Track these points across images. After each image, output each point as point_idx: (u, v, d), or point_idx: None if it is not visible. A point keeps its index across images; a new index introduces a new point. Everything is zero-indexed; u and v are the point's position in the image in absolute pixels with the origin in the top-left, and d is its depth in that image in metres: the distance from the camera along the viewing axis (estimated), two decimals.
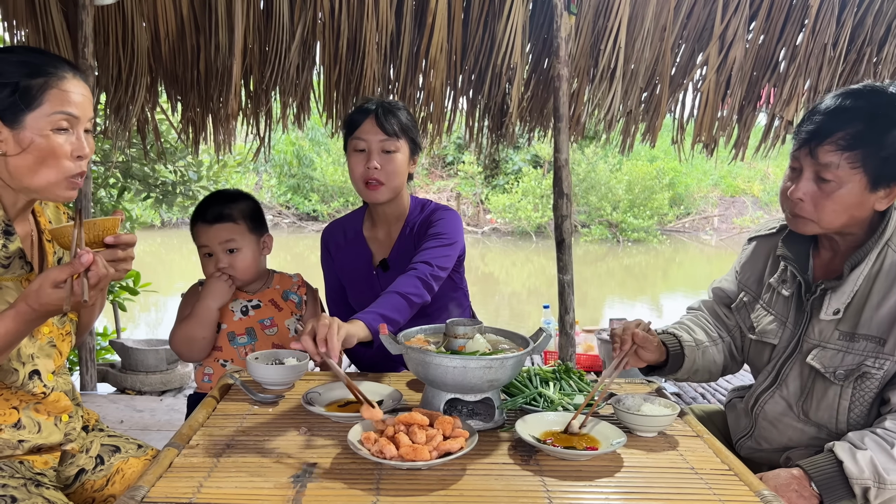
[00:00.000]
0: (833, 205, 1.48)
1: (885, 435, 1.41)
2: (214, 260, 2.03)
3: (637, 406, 1.49)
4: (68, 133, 1.38)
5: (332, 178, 17.05)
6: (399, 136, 2.02)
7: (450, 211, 2.15)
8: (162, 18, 3.79)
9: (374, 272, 2.17)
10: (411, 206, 2.19)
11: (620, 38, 3.65)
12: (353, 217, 2.28)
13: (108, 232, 1.34)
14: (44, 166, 1.36)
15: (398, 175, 2.04)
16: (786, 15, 3.82)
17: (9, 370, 1.40)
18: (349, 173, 2.08)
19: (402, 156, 2.04)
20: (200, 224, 2.04)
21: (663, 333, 1.76)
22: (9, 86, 1.33)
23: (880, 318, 1.47)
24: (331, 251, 2.27)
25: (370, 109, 2.02)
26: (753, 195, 18.07)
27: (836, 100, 1.48)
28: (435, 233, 2.06)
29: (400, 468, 1.23)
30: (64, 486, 1.56)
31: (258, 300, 2.10)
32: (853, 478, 1.39)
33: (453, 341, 1.49)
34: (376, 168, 2.00)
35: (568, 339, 3.40)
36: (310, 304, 2.19)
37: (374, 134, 2.00)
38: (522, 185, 16.21)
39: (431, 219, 2.11)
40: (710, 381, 1.86)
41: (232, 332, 2.06)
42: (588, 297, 9.68)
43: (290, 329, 2.12)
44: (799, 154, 1.51)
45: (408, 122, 2.06)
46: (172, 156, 5.15)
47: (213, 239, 2.02)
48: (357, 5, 3.70)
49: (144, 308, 8.11)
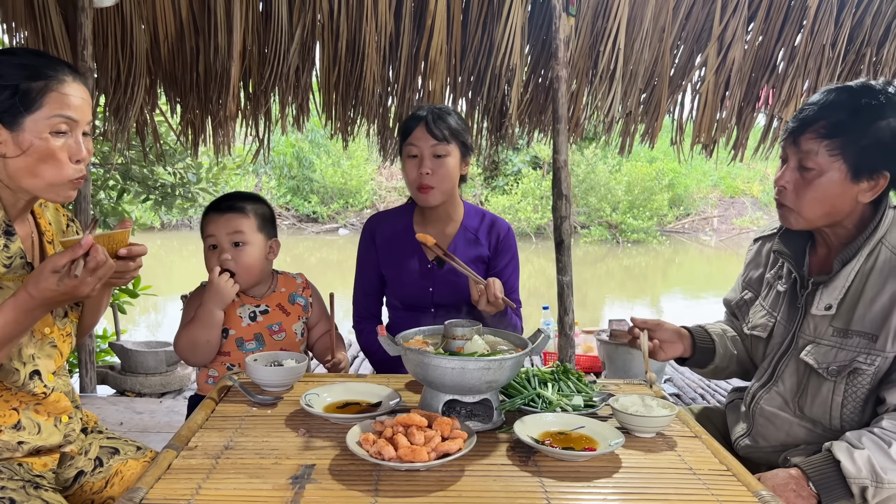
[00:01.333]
0: (813, 192, 1.51)
1: (882, 434, 1.41)
2: (218, 252, 1.99)
3: (635, 407, 1.49)
4: (66, 136, 1.39)
5: (332, 179, 17.06)
6: (449, 140, 2.10)
7: (510, 228, 2.30)
8: (161, 20, 3.79)
9: (430, 266, 2.21)
10: (466, 210, 2.27)
11: (619, 39, 3.66)
12: (402, 212, 2.31)
13: (122, 244, 1.37)
14: (42, 168, 1.37)
15: (449, 178, 2.12)
16: (784, 16, 3.82)
17: (10, 370, 1.40)
18: (405, 178, 2.17)
19: (453, 160, 2.12)
20: (212, 213, 2.02)
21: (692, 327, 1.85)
22: (8, 88, 1.34)
23: (873, 315, 1.48)
24: (376, 241, 2.28)
25: (421, 116, 2.11)
26: (753, 196, 18.08)
27: (826, 93, 1.52)
28: (513, 261, 2.25)
29: (398, 469, 1.23)
30: (63, 488, 1.56)
31: (266, 305, 2.07)
32: (851, 477, 1.40)
33: (452, 342, 1.50)
34: (428, 173, 2.08)
35: (567, 340, 3.40)
36: (315, 306, 2.17)
37: (425, 140, 2.08)
38: (522, 187, 16.22)
39: (507, 240, 2.25)
40: (746, 377, 1.88)
41: (240, 337, 2.03)
42: (588, 298, 9.69)
43: (297, 333, 2.11)
44: (784, 143, 1.56)
45: (458, 126, 2.13)
46: (172, 158, 5.15)
47: (222, 228, 1.99)
48: (356, 7, 3.70)
49: (144, 310, 8.11)
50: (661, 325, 1.78)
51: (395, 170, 16.99)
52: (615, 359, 4.10)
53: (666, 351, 1.77)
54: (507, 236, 2.27)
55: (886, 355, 1.46)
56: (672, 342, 1.77)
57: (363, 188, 17.43)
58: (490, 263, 2.25)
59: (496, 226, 2.28)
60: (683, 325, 1.84)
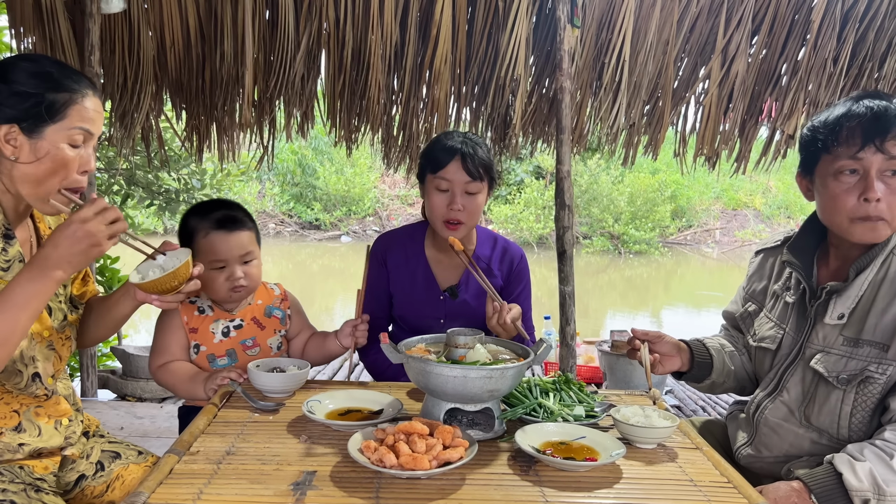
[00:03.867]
0: None
1: (884, 446, 1.41)
2: (227, 273, 1.87)
3: (636, 417, 1.49)
4: (80, 147, 1.42)
5: (335, 187, 17.11)
6: (483, 178, 2.04)
7: (524, 254, 2.27)
8: (168, 27, 3.81)
9: (442, 297, 2.18)
10: (479, 238, 2.22)
11: (624, 51, 3.67)
12: (412, 234, 2.24)
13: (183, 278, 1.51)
14: (52, 177, 1.39)
15: (478, 214, 2.08)
16: (788, 30, 3.84)
17: (13, 371, 1.41)
18: (428, 209, 2.09)
19: (483, 196, 2.08)
20: (216, 233, 1.86)
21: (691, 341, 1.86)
22: (34, 96, 1.36)
23: (884, 325, 1.48)
24: (388, 265, 2.21)
25: (455, 149, 2.01)
26: (755, 208, 18.09)
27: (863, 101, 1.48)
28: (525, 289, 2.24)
29: (399, 477, 1.23)
30: (64, 492, 1.57)
31: (240, 319, 1.96)
32: (853, 490, 1.40)
33: (454, 351, 1.50)
34: (460, 209, 2.02)
35: (569, 350, 3.40)
36: (294, 318, 2.07)
37: (459, 175, 2.01)
38: (525, 196, 16.26)
39: (520, 268, 2.23)
40: (742, 392, 1.89)
41: (212, 353, 1.92)
42: (589, 309, 9.69)
43: (273, 347, 2.00)
44: (864, 154, 1.46)
45: (489, 160, 2.07)
46: (176, 164, 5.18)
47: (235, 249, 1.87)
48: (362, 16, 3.72)
49: (146, 315, 8.10)
50: (662, 337, 1.78)
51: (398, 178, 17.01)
52: (616, 369, 4.09)
53: (664, 365, 1.78)
54: (521, 264, 2.24)
55: None
56: (671, 356, 1.78)
57: (366, 196, 17.47)
58: (503, 292, 2.19)
59: (509, 253, 2.24)
60: (682, 339, 1.84)
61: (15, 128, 1.36)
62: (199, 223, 1.89)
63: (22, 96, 1.36)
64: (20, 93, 1.36)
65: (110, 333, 1.73)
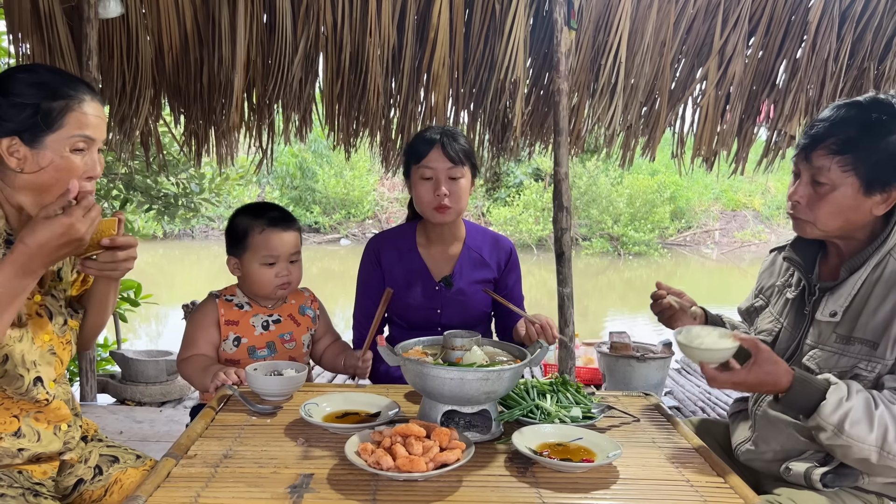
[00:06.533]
0: (827, 206, 1.54)
1: (879, 397, 1.42)
2: (276, 269, 2.00)
3: (699, 339, 1.47)
4: (84, 153, 1.42)
5: (334, 190, 17.11)
6: (464, 162, 2.12)
7: (514, 245, 2.36)
8: (166, 32, 3.82)
9: (438, 287, 2.23)
10: (468, 229, 2.30)
11: (620, 52, 3.68)
12: (403, 232, 2.31)
13: (106, 234, 1.38)
14: (57, 185, 1.40)
15: (464, 198, 2.15)
16: (785, 30, 3.85)
17: (14, 376, 1.41)
18: (416, 199, 2.17)
19: (466, 181, 2.15)
20: (272, 230, 2.00)
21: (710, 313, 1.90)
22: (30, 107, 1.37)
23: (875, 323, 1.50)
24: (382, 262, 2.28)
25: (434, 139, 2.11)
26: (755, 209, 18.09)
27: (836, 109, 1.55)
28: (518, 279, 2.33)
29: (396, 479, 1.24)
30: (62, 497, 1.57)
31: (278, 315, 2.08)
32: (822, 416, 1.40)
33: (451, 353, 1.50)
34: (446, 195, 2.09)
35: (568, 351, 3.41)
36: (322, 319, 2.19)
37: (441, 162, 2.09)
38: (523, 198, 16.26)
39: (513, 259, 2.32)
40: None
41: (253, 346, 2.03)
42: (588, 310, 9.69)
43: (304, 344, 2.11)
44: (797, 159, 1.59)
45: (468, 147, 2.16)
46: (175, 168, 5.18)
47: (288, 246, 2.01)
48: (360, 19, 3.73)
49: (145, 319, 8.11)
50: (683, 295, 1.82)
51: (396, 181, 17.03)
52: (615, 371, 4.09)
53: (682, 321, 1.79)
54: (513, 254, 2.33)
55: (886, 362, 1.48)
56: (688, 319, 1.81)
57: (365, 199, 17.48)
58: (498, 284, 2.29)
59: (500, 244, 2.31)
60: (702, 306, 1.87)
61: (16, 140, 1.37)
62: (254, 221, 2.01)
63: (19, 108, 1.37)
64: (18, 105, 1.37)
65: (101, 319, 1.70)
